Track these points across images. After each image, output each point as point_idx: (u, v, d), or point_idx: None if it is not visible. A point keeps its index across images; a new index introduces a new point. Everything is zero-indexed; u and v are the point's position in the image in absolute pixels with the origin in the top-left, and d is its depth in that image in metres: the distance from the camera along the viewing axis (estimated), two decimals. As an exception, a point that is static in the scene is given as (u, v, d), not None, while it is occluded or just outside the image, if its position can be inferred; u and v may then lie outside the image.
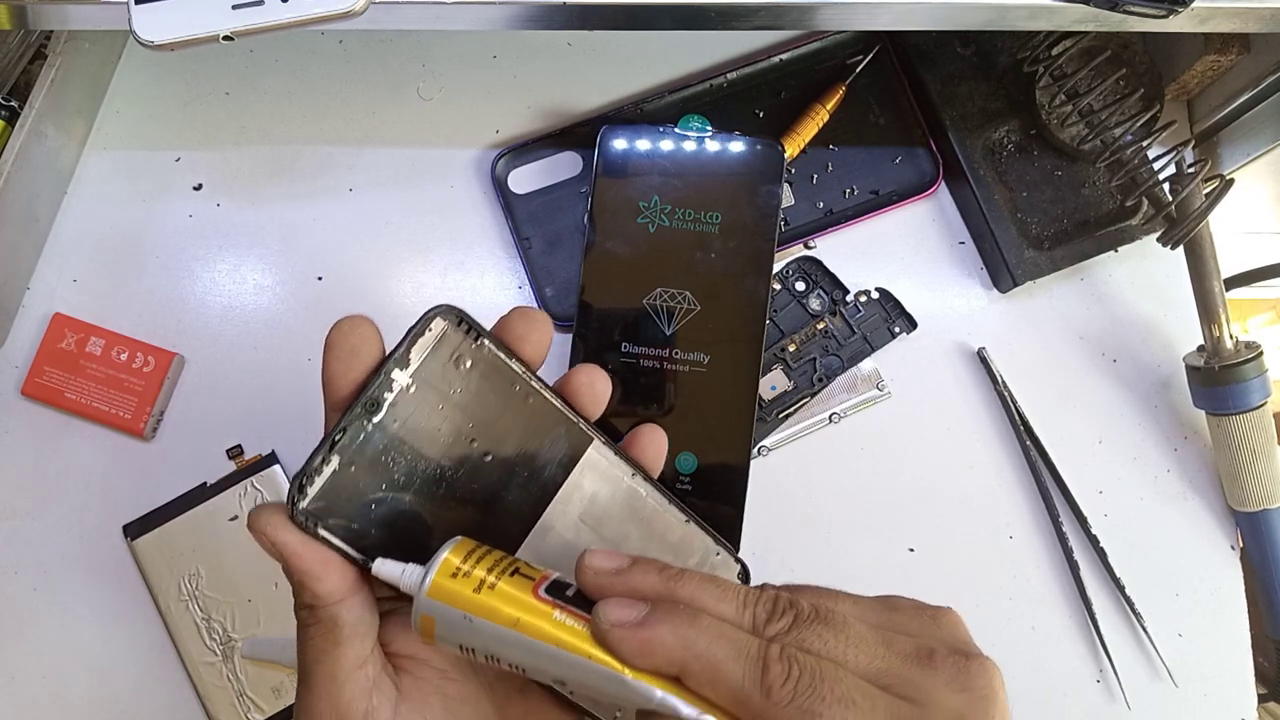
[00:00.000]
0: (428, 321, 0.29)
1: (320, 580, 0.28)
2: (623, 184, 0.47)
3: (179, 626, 0.47)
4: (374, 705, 0.28)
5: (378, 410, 0.29)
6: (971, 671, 0.25)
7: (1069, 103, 0.49)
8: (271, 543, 0.27)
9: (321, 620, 0.28)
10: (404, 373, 0.29)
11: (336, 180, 0.52)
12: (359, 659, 0.28)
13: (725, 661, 0.24)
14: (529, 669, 0.26)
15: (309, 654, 0.28)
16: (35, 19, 0.37)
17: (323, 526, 0.28)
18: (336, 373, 0.29)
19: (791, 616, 0.26)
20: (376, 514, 0.29)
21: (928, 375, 0.51)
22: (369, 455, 0.29)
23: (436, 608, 0.26)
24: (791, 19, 0.37)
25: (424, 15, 0.36)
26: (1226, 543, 0.50)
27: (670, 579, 0.27)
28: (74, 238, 0.51)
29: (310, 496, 0.28)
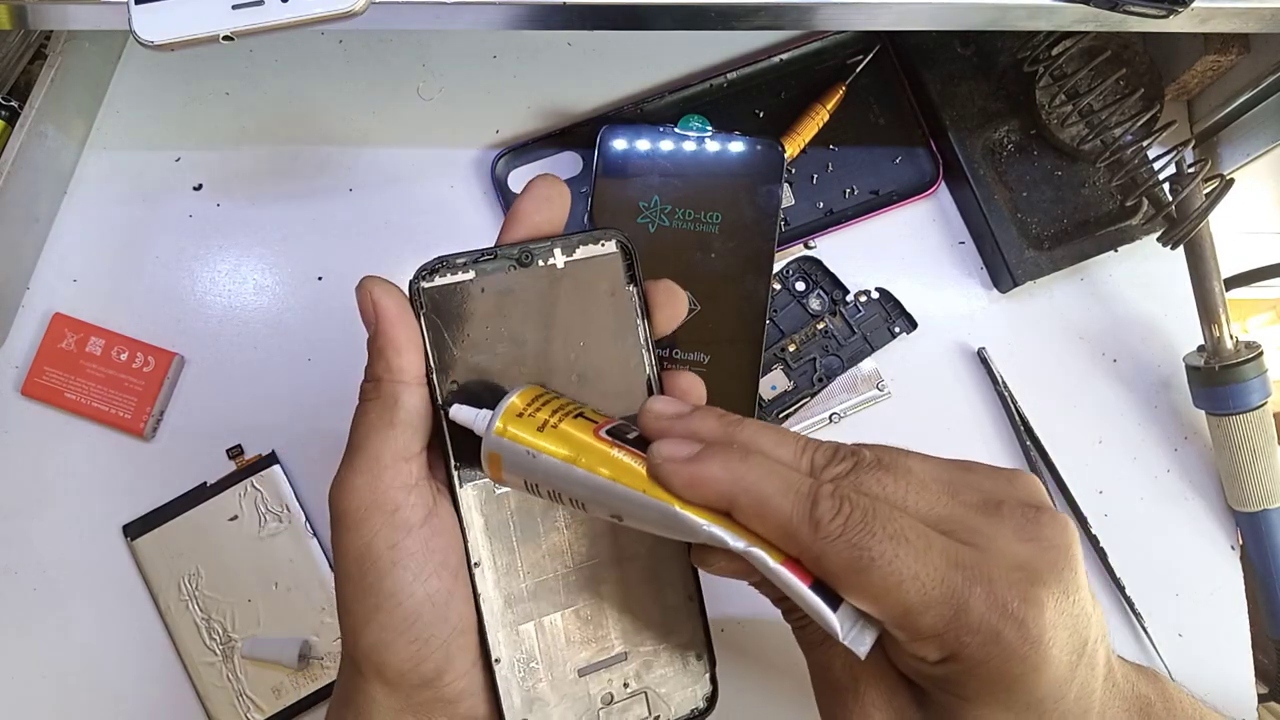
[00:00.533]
0: (605, 235, 0.31)
1: (400, 353, 0.28)
2: (623, 184, 0.47)
3: (179, 626, 0.47)
4: (409, 502, 0.29)
5: (529, 262, 0.30)
6: (1041, 522, 0.25)
7: (1069, 103, 0.49)
8: (374, 303, 0.29)
9: (384, 395, 0.29)
10: (563, 256, 0.31)
11: (336, 180, 0.52)
12: (407, 450, 0.29)
13: (774, 495, 0.25)
14: (588, 503, 0.27)
15: (361, 429, 0.29)
16: (35, 19, 0.37)
17: (424, 315, 0.29)
18: (525, 209, 0.31)
19: (852, 463, 0.26)
20: (467, 341, 0.30)
21: (928, 375, 0.51)
22: (495, 292, 0.30)
23: (503, 444, 0.27)
24: (791, 19, 0.37)
25: (424, 15, 0.36)
26: (1226, 543, 0.50)
27: (729, 424, 0.27)
28: (74, 238, 0.51)
29: (435, 284, 0.29)
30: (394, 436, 0.28)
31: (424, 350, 0.29)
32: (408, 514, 0.28)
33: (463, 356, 0.30)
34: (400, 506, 0.28)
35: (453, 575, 0.29)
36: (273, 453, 0.48)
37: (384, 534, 0.28)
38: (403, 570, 0.28)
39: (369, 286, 0.29)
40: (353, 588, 0.29)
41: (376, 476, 0.28)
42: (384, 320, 0.29)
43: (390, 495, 0.28)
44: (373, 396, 0.29)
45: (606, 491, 0.26)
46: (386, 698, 0.29)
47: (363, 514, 0.28)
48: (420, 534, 0.29)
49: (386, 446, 0.28)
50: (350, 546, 0.28)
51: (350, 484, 0.28)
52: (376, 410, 0.29)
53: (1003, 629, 0.23)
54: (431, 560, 0.29)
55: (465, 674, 0.30)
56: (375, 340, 0.29)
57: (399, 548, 0.28)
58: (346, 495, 0.28)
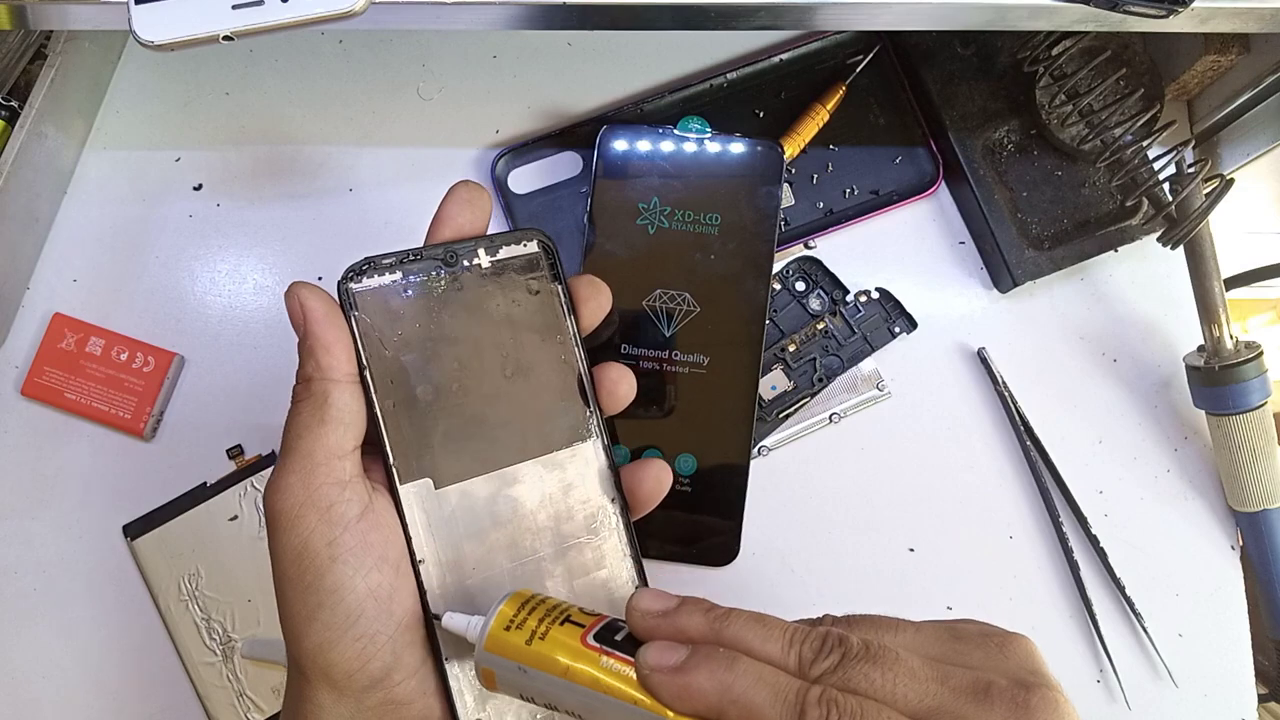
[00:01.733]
0: (527, 235, 0.32)
1: (328, 351, 0.29)
2: (622, 185, 0.47)
3: (179, 626, 0.47)
4: (343, 498, 0.28)
5: (454, 263, 0.31)
6: (1031, 706, 0.24)
7: (1069, 103, 0.49)
8: (300, 304, 0.29)
9: (314, 394, 0.29)
10: (487, 256, 0.31)
11: (336, 180, 0.52)
12: (340, 447, 0.29)
13: (762, 706, 0.24)
14: (583, 713, 0.27)
15: (294, 429, 0.29)
16: (35, 19, 0.37)
17: (354, 315, 0.30)
18: (448, 211, 0.32)
19: (839, 654, 0.25)
20: (397, 342, 0.30)
21: (928, 375, 0.51)
22: (424, 292, 0.30)
23: (495, 661, 0.27)
24: (791, 19, 0.37)
25: (424, 15, 0.36)
26: (1226, 543, 0.50)
27: (716, 619, 0.27)
28: (74, 238, 0.51)
29: (364, 285, 0.30)
30: (325, 434, 0.29)
31: (354, 349, 0.30)
32: (343, 509, 0.28)
33: (393, 356, 0.30)
34: (335, 503, 0.28)
35: (394, 569, 0.29)
36: (272, 453, 0.48)
37: (320, 530, 0.28)
38: (342, 565, 0.28)
39: (296, 290, 0.29)
40: (292, 588, 0.28)
41: (309, 474, 0.28)
42: (311, 321, 0.29)
43: (324, 492, 0.28)
44: (304, 397, 0.29)
45: (599, 702, 0.26)
46: (335, 705, 0.29)
47: (297, 512, 0.28)
48: (357, 529, 0.28)
49: (319, 444, 0.29)
50: (287, 546, 0.28)
51: (283, 484, 0.28)
52: (308, 409, 0.29)
53: None
54: (370, 555, 0.29)
55: (415, 672, 0.29)
56: (304, 341, 0.29)
57: (336, 543, 0.28)
58: (280, 495, 0.28)
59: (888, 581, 0.49)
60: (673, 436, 0.47)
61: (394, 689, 0.29)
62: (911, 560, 0.49)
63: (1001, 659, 0.26)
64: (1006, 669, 0.25)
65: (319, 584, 0.28)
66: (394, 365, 0.30)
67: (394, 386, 0.30)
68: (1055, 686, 0.25)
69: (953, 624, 0.27)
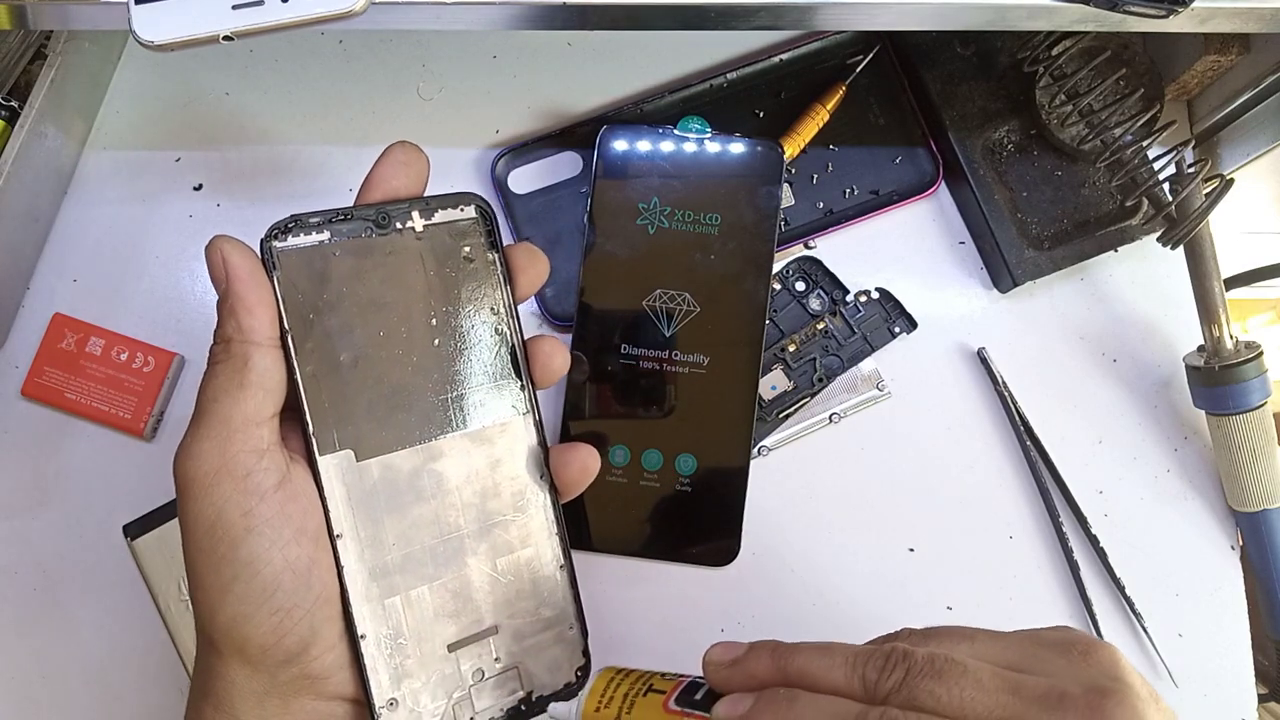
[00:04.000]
0: (464, 199, 0.31)
1: (250, 313, 0.27)
2: (622, 185, 0.47)
3: (179, 626, 0.47)
4: (260, 467, 0.27)
5: (385, 226, 0.30)
6: (1106, 711, 0.23)
7: (1069, 103, 0.49)
8: (223, 260, 0.27)
9: (234, 356, 0.28)
10: (421, 219, 0.30)
11: (336, 180, 0.52)
12: (258, 413, 0.28)
13: None
14: None
15: (209, 392, 0.28)
16: (35, 19, 0.37)
17: (277, 276, 0.28)
18: (380, 174, 0.30)
19: (903, 671, 0.25)
20: (321, 305, 0.29)
21: (928, 375, 0.51)
22: (352, 254, 0.29)
23: None
24: (791, 19, 0.37)
25: (424, 15, 0.36)
26: (1226, 543, 0.50)
27: (780, 657, 0.27)
28: (74, 238, 0.51)
29: (289, 243, 0.29)
30: (244, 399, 0.27)
31: (277, 312, 0.28)
32: (260, 479, 0.27)
33: (318, 320, 0.29)
34: (252, 471, 0.27)
35: (313, 542, 0.28)
36: (273, 453, 0.48)
37: (235, 500, 0.27)
38: (258, 537, 0.27)
39: (219, 244, 0.28)
40: (205, 559, 0.27)
41: (226, 440, 0.27)
42: (234, 279, 0.27)
43: (240, 460, 0.27)
44: (222, 359, 0.28)
45: None
46: (248, 680, 0.27)
47: (211, 480, 0.27)
48: (274, 499, 0.27)
49: (236, 409, 0.27)
50: (200, 515, 0.27)
51: (197, 450, 0.27)
52: (226, 372, 0.27)
53: None
54: (289, 526, 0.27)
55: (333, 647, 0.29)
56: (225, 300, 0.28)
57: (253, 514, 0.27)
58: (193, 461, 0.27)
59: (888, 581, 0.49)
60: (673, 436, 0.47)
61: (311, 663, 0.28)
62: (911, 560, 0.49)
63: (1083, 666, 0.25)
64: (1086, 676, 0.24)
65: (234, 555, 0.27)
66: (318, 330, 0.29)
67: (316, 353, 0.29)
68: (1138, 692, 0.24)
69: (1036, 632, 0.26)
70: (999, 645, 0.26)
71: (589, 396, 0.47)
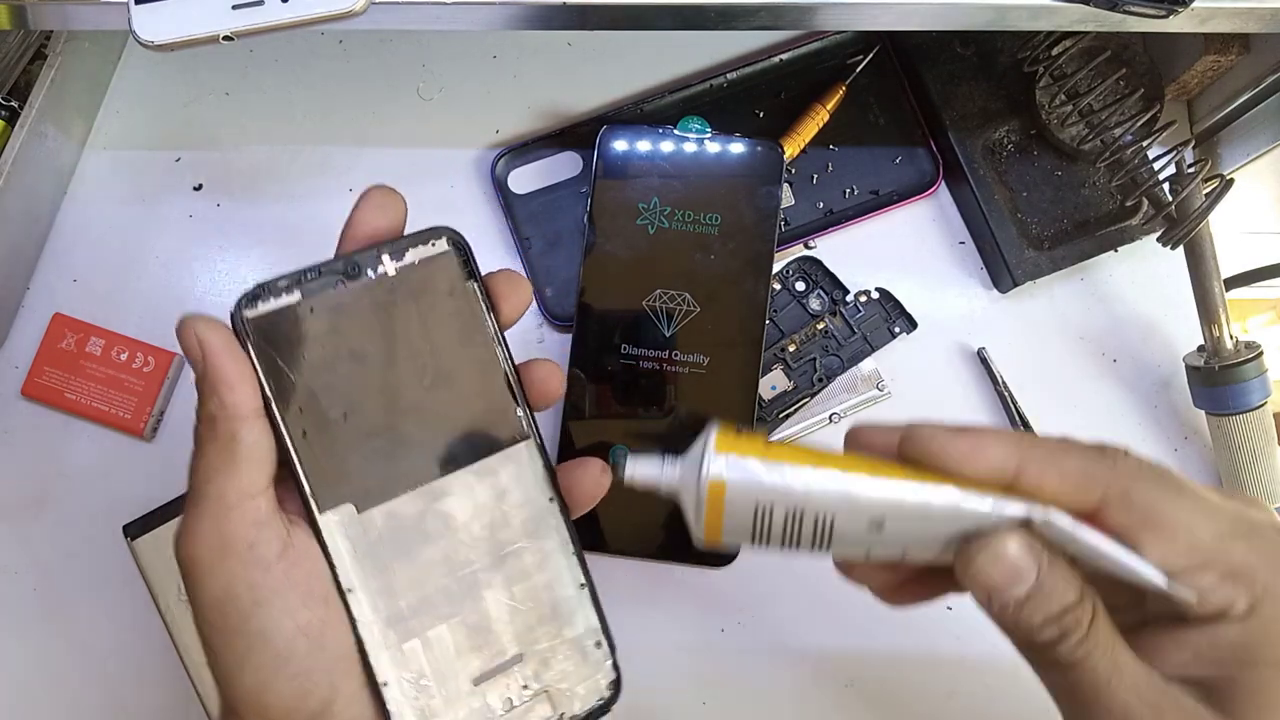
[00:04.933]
0: (434, 234, 0.30)
1: (232, 389, 0.27)
2: (622, 185, 0.47)
3: (179, 626, 0.46)
4: (262, 538, 0.27)
5: (356, 275, 0.29)
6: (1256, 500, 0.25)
7: (1069, 103, 0.49)
8: (198, 340, 0.27)
9: (220, 436, 0.27)
10: (392, 262, 0.29)
11: (336, 180, 0.52)
12: (252, 486, 0.27)
13: (1058, 450, 0.24)
14: (839, 517, 0.24)
15: (200, 473, 0.27)
16: (35, 19, 0.37)
17: (252, 344, 0.28)
18: (359, 218, 0.30)
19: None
20: (303, 366, 0.28)
21: (928, 375, 0.51)
22: (326, 310, 0.29)
23: (734, 463, 0.24)
24: (791, 19, 0.37)
25: (424, 15, 0.36)
26: (1226, 543, 0.50)
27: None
28: (74, 238, 0.51)
29: (259, 310, 0.28)
30: (236, 475, 0.27)
31: (258, 382, 0.28)
32: (262, 550, 0.27)
33: (301, 381, 0.28)
34: (254, 544, 0.27)
35: (323, 603, 0.28)
36: (273, 453, 0.48)
37: (240, 575, 0.27)
38: (267, 608, 0.27)
39: (190, 324, 0.27)
40: (217, 635, 0.27)
41: (223, 519, 0.27)
42: (211, 355, 0.27)
43: (240, 535, 0.27)
44: (209, 437, 0.27)
45: (868, 491, 0.23)
46: None
47: (214, 559, 0.27)
48: (279, 568, 0.27)
49: (230, 485, 0.27)
50: (208, 594, 0.27)
51: (196, 530, 0.27)
52: (214, 450, 0.27)
53: None
54: (296, 592, 0.27)
55: (356, 699, 0.28)
56: (205, 378, 0.27)
57: (259, 586, 0.27)
58: (194, 542, 0.27)
59: (888, 581, 0.48)
60: (672, 436, 0.47)
61: (334, 719, 0.28)
62: (911, 560, 0.49)
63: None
64: None
65: (245, 628, 0.27)
66: (302, 391, 0.28)
67: (304, 414, 0.28)
68: None
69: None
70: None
71: (589, 397, 0.47)
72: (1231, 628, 0.23)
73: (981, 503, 0.23)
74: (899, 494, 0.23)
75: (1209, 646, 0.23)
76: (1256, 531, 0.23)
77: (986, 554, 0.23)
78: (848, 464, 0.24)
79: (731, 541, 0.25)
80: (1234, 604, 0.23)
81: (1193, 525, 0.23)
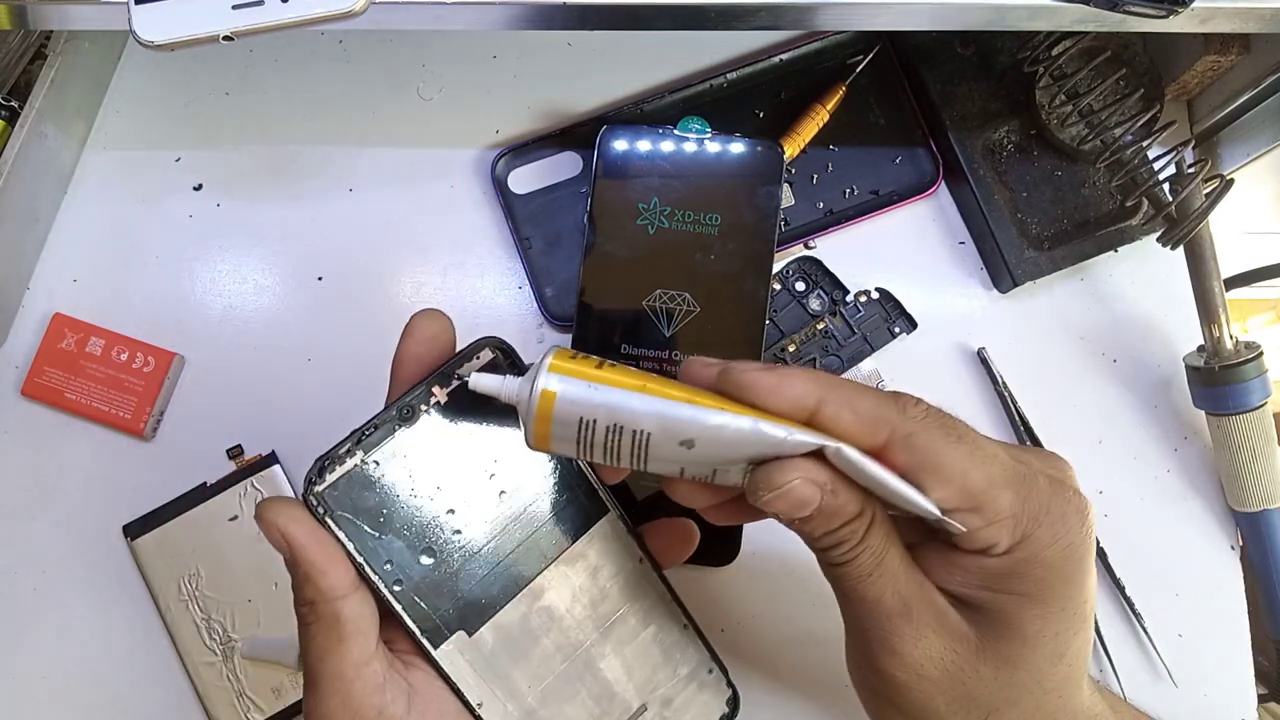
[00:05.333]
0: (478, 348, 0.30)
1: (325, 574, 0.27)
2: (622, 185, 0.47)
3: (179, 626, 0.47)
4: (387, 700, 0.28)
5: (411, 419, 0.29)
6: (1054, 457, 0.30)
7: (1069, 103, 0.49)
8: (281, 534, 0.27)
9: (323, 617, 0.28)
10: (443, 390, 0.29)
11: (336, 180, 0.52)
12: (365, 655, 0.28)
13: (856, 391, 0.26)
14: (655, 435, 0.26)
15: (313, 652, 0.28)
16: (35, 19, 0.37)
17: (331, 517, 0.28)
18: (412, 354, 0.30)
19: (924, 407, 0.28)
20: (384, 521, 0.29)
21: (928, 375, 0.51)
22: (391, 461, 0.29)
23: (563, 381, 0.26)
24: (791, 19, 0.37)
25: (424, 15, 0.36)
26: (1226, 543, 0.50)
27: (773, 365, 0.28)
28: (74, 238, 0.51)
29: (328, 482, 0.28)
30: (348, 651, 0.28)
31: (346, 553, 0.28)
32: (392, 710, 0.28)
33: (386, 536, 0.29)
34: (382, 708, 0.28)
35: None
36: (272, 453, 0.48)
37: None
38: None
39: (270, 517, 0.27)
40: None
41: (346, 694, 0.28)
42: (296, 547, 0.27)
43: (368, 703, 0.28)
44: (312, 620, 0.28)
45: (680, 414, 0.25)
46: None
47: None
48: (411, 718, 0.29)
49: (346, 661, 0.28)
50: None
51: (325, 711, 0.28)
52: (322, 633, 0.28)
53: (1068, 514, 0.26)
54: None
55: None
56: (296, 567, 0.28)
57: None
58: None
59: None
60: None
61: None
62: (911, 560, 0.49)
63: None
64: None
65: None
66: (388, 546, 0.29)
67: (395, 565, 0.29)
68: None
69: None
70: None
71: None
72: (992, 561, 0.26)
73: (778, 430, 0.25)
74: (707, 417, 0.25)
75: (974, 572, 0.27)
76: (1026, 481, 0.26)
77: (775, 493, 0.26)
78: (668, 391, 0.26)
79: (559, 450, 0.27)
80: (997, 543, 0.26)
81: (967, 471, 0.25)
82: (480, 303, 0.51)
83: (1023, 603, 0.26)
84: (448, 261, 0.51)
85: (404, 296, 0.51)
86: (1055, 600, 0.26)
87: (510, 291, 0.51)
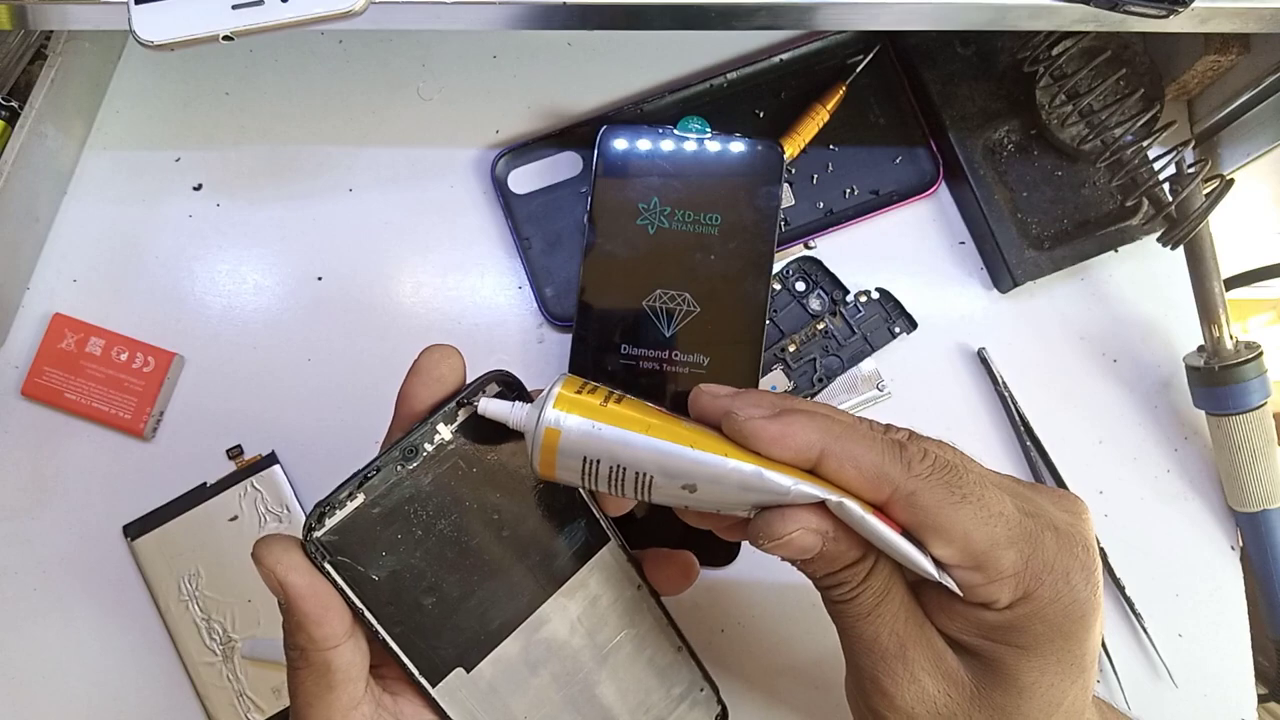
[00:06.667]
0: (483, 384, 0.29)
1: (319, 625, 0.27)
2: (622, 185, 0.47)
3: (179, 626, 0.47)
4: None
5: (414, 458, 0.28)
6: (1069, 499, 0.29)
7: (1069, 103, 0.49)
8: (279, 582, 0.27)
9: (313, 664, 0.27)
10: (448, 428, 0.29)
11: (336, 180, 0.52)
12: (352, 701, 0.28)
13: (861, 444, 0.26)
14: (657, 477, 0.26)
15: (301, 697, 0.28)
16: (35, 19, 0.37)
17: (330, 562, 0.27)
18: (418, 396, 0.29)
19: (908, 431, 0.27)
20: (384, 563, 0.28)
21: (928, 375, 0.51)
22: (394, 502, 0.28)
23: (566, 420, 0.26)
24: (791, 19, 0.37)
25: (424, 15, 0.36)
26: (1226, 543, 0.50)
27: (784, 399, 0.27)
28: (74, 238, 0.51)
29: (328, 527, 0.27)
30: (336, 698, 0.28)
31: (341, 600, 0.28)
32: None
33: (385, 579, 0.28)
34: None
35: None
36: (272, 453, 0.48)
37: None
38: None
39: (267, 563, 0.27)
40: None
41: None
42: (291, 596, 0.27)
43: None
44: (302, 665, 0.28)
45: (682, 460, 0.25)
46: None
47: None
48: None
49: (334, 708, 0.28)
50: None
51: None
52: (310, 679, 0.28)
53: (1072, 571, 0.26)
54: None
55: None
56: (289, 615, 0.27)
57: None
58: None
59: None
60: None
61: None
62: (911, 560, 0.49)
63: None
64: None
65: None
66: (388, 588, 0.28)
67: (394, 607, 0.28)
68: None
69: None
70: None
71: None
72: (991, 615, 0.26)
73: (782, 480, 0.25)
74: (709, 466, 0.26)
75: (974, 622, 0.27)
76: (1032, 539, 0.26)
77: (777, 542, 0.26)
78: (674, 430, 0.26)
79: (565, 480, 0.27)
80: (998, 600, 0.26)
81: (969, 532, 0.25)
82: (480, 303, 0.51)
83: (1020, 654, 0.26)
84: (447, 261, 0.51)
85: (404, 296, 0.51)
86: (1053, 653, 0.26)
87: (510, 291, 0.51)
